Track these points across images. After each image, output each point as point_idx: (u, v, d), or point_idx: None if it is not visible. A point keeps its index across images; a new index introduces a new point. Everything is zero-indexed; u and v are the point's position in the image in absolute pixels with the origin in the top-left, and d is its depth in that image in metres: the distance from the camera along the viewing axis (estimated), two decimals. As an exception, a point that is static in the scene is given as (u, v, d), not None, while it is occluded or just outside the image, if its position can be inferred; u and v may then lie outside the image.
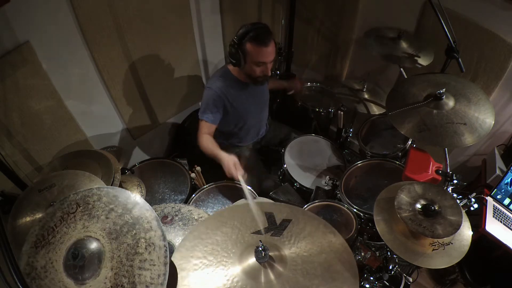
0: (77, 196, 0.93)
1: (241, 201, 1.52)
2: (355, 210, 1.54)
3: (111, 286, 0.81)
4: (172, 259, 0.94)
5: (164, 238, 0.87)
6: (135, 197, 0.93)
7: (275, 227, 1.04)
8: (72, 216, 0.90)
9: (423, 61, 1.82)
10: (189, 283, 0.91)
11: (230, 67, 1.77)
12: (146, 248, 0.86)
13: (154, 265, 0.84)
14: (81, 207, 0.91)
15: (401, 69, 1.88)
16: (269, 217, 1.07)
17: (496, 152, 1.95)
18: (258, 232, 1.03)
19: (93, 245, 0.86)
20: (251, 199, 1.27)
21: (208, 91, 1.72)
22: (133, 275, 0.82)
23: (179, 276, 0.92)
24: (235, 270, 0.93)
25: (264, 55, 1.57)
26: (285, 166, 1.90)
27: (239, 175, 1.48)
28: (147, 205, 0.92)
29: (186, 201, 1.69)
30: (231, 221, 1.06)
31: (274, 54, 1.62)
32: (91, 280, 0.82)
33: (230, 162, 1.53)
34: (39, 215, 1.11)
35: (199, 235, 1.02)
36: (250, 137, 2.05)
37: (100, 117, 1.98)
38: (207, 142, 1.70)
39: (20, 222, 1.11)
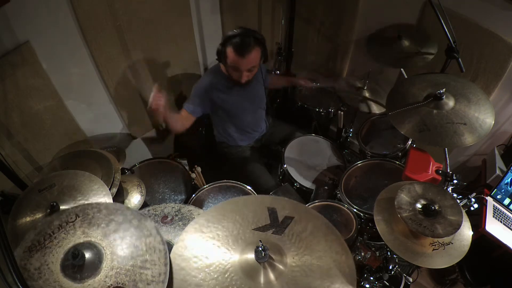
0: (76, 209, 0.94)
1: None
2: (355, 210, 1.54)
3: (112, 284, 0.82)
4: (172, 253, 0.95)
5: (164, 243, 0.90)
6: (133, 211, 0.96)
7: (277, 224, 1.04)
8: (71, 224, 0.91)
9: (428, 54, 1.81)
10: (188, 279, 0.91)
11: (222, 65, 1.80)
12: (147, 251, 0.88)
13: (155, 264, 0.85)
14: (81, 217, 0.92)
15: (401, 69, 1.88)
16: (271, 213, 1.06)
17: (496, 152, 1.95)
18: (259, 229, 1.02)
19: (93, 248, 0.87)
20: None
21: (196, 84, 1.81)
22: (134, 273, 0.83)
23: (178, 269, 0.92)
24: (234, 267, 0.93)
25: (240, 64, 1.62)
26: (285, 166, 1.90)
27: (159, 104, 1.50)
28: (146, 216, 0.96)
29: (186, 201, 1.69)
30: (232, 215, 1.06)
31: (255, 63, 1.65)
32: (91, 278, 0.83)
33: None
34: (39, 216, 1.11)
35: (200, 228, 1.02)
36: (248, 135, 2.05)
37: (100, 117, 1.98)
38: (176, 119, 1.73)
39: (20, 222, 1.11)
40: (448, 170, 1.45)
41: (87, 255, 0.85)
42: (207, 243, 0.98)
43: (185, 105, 1.80)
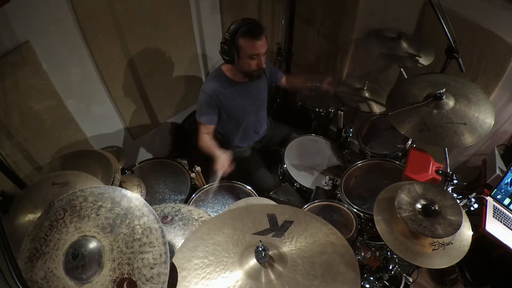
0: (61, 202, 0.92)
1: (241, 201, 1.52)
2: (355, 210, 1.53)
3: (117, 277, 0.82)
4: (174, 258, 0.95)
5: (158, 221, 0.89)
6: (120, 190, 0.94)
7: (277, 228, 1.04)
8: (62, 221, 0.89)
9: (423, 60, 1.82)
10: (190, 283, 0.91)
11: (224, 67, 1.80)
12: (143, 233, 0.87)
13: (154, 246, 0.85)
14: (69, 211, 0.90)
15: (401, 69, 1.88)
16: (271, 218, 1.07)
17: (496, 152, 1.95)
18: (259, 233, 1.03)
19: (91, 243, 0.86)
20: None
21: (202, 93, 1.77)
22: (136, 260, 0.84)
23: (180, 275, 0.92)
24: (235, 270, 0.93)
25: (257, 48, 1.61)
26: (285, 166, 1.90)
27: (225, 173, 1.60)
28: (133, 194, 0.93)
29: (186, 201, 1.69)
30: (232, 222, 1.06)
31: (267, 47, 1.66)
32: (96, 276, 0.82)
33: (222, 159, 1.63)
34: (39, 214, 1.11)
35: (202, 235, 1.03)
36: (250, 136, 2.05)
37: (100, 117, 1.98)
38: (206, 141, 1.78)
39: (21, 219, 1.10)
40: (448, 170, 1.45)
41: (86, 252, 0.84)
42: (208, 248, 0.98)
43: (201, 118, 1.78)
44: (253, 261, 0.92)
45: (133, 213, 0.90)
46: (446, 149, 1.53)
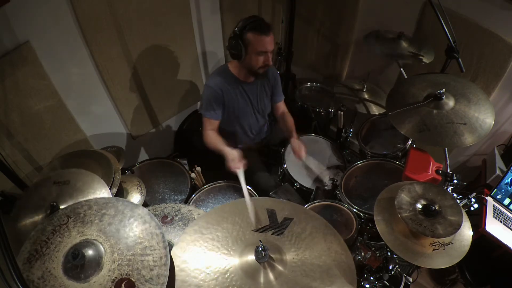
0: (66, 210, 0.95)
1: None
2: (355, 210, 1.54)
3: (116, 277, 0.82)
4: (172, 252, 0.95)
5: (160, 227, 0.91)
6: (124, 201, 0.97)
7: (277, 225, 1.04)
8: (65, 226, 0.91)
9: (423, 60, 1.82)
10: (189, 279, 0.91)
11: (230, 65, 1.79)
12: (144, 237, 0.89)
13: (155, 249, 0.87)
14: (72, 218, 0.93)
15: (401, 69, 1.88)
16: (271, 214, 1.07)
17: (496, 152, 1.95)
18: (259, 230, 1.03)
19: (92, 244, 0.87)
20: (247, 195, 1.24)
21: (207, 88, 1.75)
22: (136, 262, 0.85)
23: (178, 270, 0.92)
24: (234, 268, 0.93)
25: (265, 44, 1.61)
26: (285, 166, 1.90)
27: (238, 169, 1.50)
28: (137, 205, 0.96)
29: (186, 201, 1.69)
30: (232, 216, 1.06)
31: (273, 45, 1.65)
32: (95, 275, 0.83)
33: (232, 155, 1.58)
34: (40, 216, 1.11)
35: (200, 229, 1.02)
36: (249, 137, 2.05)
37: (100, 117, 1.98)
38: (212, 137, 1.76)
39: (23, 221, 1.10)
40: (448, 170, 1.45)
41: (87, 253, 0.85)
42: (206, 244, 0.98)
43: (206, 113, 1.76)
44: (252, 260, 0.92)
45: (136, 219, 0.92)
46: (446, 149, 1.53)
